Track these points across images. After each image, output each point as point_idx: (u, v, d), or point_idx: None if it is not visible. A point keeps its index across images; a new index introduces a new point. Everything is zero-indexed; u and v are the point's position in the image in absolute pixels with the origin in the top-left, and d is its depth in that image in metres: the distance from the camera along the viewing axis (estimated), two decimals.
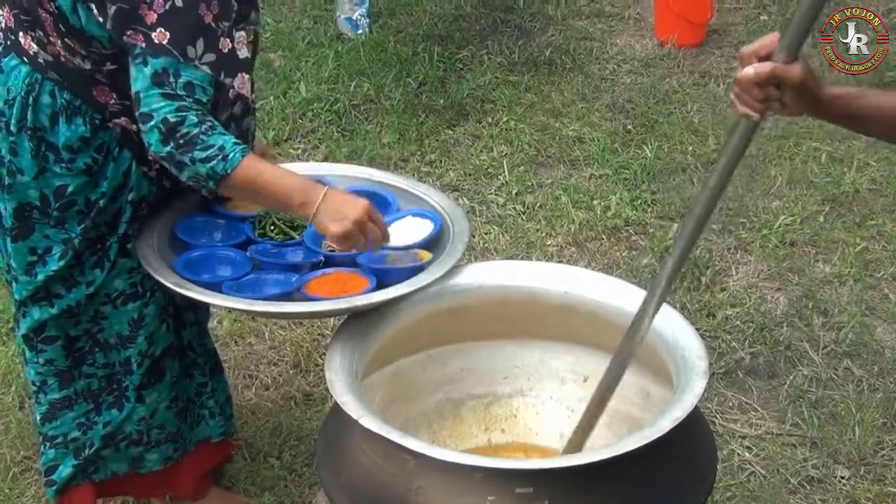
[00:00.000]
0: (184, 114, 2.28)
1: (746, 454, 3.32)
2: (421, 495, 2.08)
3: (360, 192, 2.82)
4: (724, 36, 5.75)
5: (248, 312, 3.35)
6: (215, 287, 2.47)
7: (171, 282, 2.45)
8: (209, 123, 2.32)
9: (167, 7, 2.26)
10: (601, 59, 5.54)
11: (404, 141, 4.85)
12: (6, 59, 2.47)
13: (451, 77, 5.34)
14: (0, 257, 2.69)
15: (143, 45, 2.26)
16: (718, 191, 1.99)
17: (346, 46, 5.53)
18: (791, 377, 3.60)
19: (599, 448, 2.14)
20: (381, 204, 2.80)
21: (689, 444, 2.24)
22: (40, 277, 2.59)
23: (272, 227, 2.68)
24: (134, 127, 2.49)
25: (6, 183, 2.51)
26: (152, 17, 2.25)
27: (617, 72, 5.44)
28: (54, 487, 2.86)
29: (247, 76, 2.44)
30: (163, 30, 2.26)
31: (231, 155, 2.31)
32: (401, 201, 2.81)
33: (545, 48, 5.58)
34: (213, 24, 2.31)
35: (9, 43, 2.47)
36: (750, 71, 1.78)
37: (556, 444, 2.69)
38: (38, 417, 2.82)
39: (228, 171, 2.31)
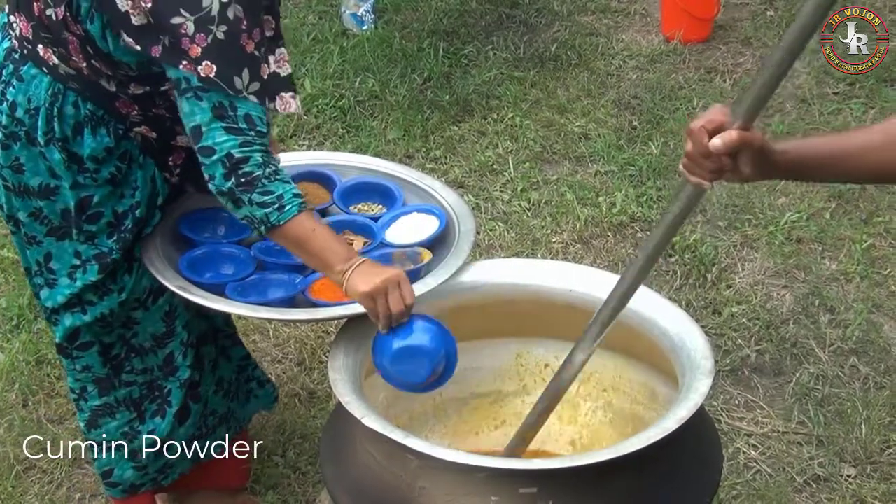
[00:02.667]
0: (248, 150, 2.24)
1: (752, 452, 3.31)
2: (424, 495, 2.08)
3: (366, 185, 2.82)
4: (731, 31, 5.72)
5: (252, 318, 3.36)
6: (219, 288, 2.46)
7: (175, 285, 2.44)
8: (273, 168, 2.28)
9: (209, 40, 2.21)
10: (607, 54, 5.52)
11: (409, 137, 4.84)
12: (25, 68, 2.42)
13: (457, 73, 5.32)
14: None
15: (196, 77, 2.22)
16: (659, 250, 2.12)
17: (351, 42, 5.52)
18: (797, 375, 3.58)
19: (604, 448, 2.13)
20: (386, 196, 2.80)
21: (694, 443, 2.23)
22: (79, 284, 2.56)
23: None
24: (153, 135, 2.49)
25: (52, 186, 2.47)
26: (196, 51, 2.21)
27: (623, 68, 5.42)
28: (119, 488, 2.87)
29: (287, 94, 2.35)
30: (209, 63, 2.21)
31: (288, 207, 2.27)
32: (408, 195, 2.79)
33: (551, 44, 5.56)
34: (255, 53, 2.27)
35: (25, 52, 2.42)
36: (717, 142, 1.82)
37: (560, 443, 2.69)
38: (83, 425, 2.82)
39: (281, 223, 2.27)
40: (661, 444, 2.04)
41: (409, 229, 2.69)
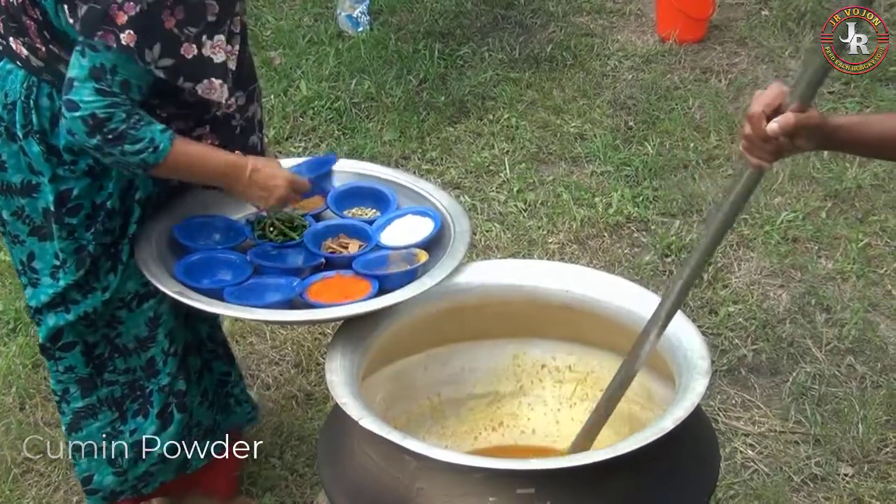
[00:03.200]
0: (112, 110, 2.30)
1: (749, 452, 3.31)
2: (422, 496, 2.08)
3: (359, 189, 2.82)
4: (726, 31, 5.72)
5: (251, 321, 3.36)
6: (217, 293, 2.46)
7: (172, 290, 2.44)
8: (137, 117, 2.33)
9: (137, 9, 2.25)
10: (602, 55, 5.52)
11: (405, 138, 4.84)
12: (1, 64, 2.47)
13: (452, 74, 5.32)
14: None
15: (114, 45, 2.26)
16: (722, 231, 2.13)
17: (347, 44, 5.52)
18: (794, 374, 3.59)
19: (601, 448, 2.13)
20: (380, 201, 2.80)
21: (691, 443, 2.23)
22: (61, 284, 2.58)
23: (271, 229, 2.67)
24: None
25: (33, 183, 2.50)
26: (123, 18, 2.25)
27: (618, 68, 5.42)
28: (98, 495, 2.85)
29: (217, 81, 2.40)
30: (132, 31, 2.26)
31: (161, 145, 2.35)
32: (401, 198, 2.80)
33: (546, 45, 5.56)
34: (174, 30, 2.30)
35: (1, 48, 2.47)
36: (774, 126, 1.87)
37: (557, 444, 2.69)
38: (64, 428, 2.81)
39: (159, 161, 2.36)
40: (658, 444, 2.04)
41: (405, 231, 2.69)
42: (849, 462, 3.27)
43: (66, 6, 2.32)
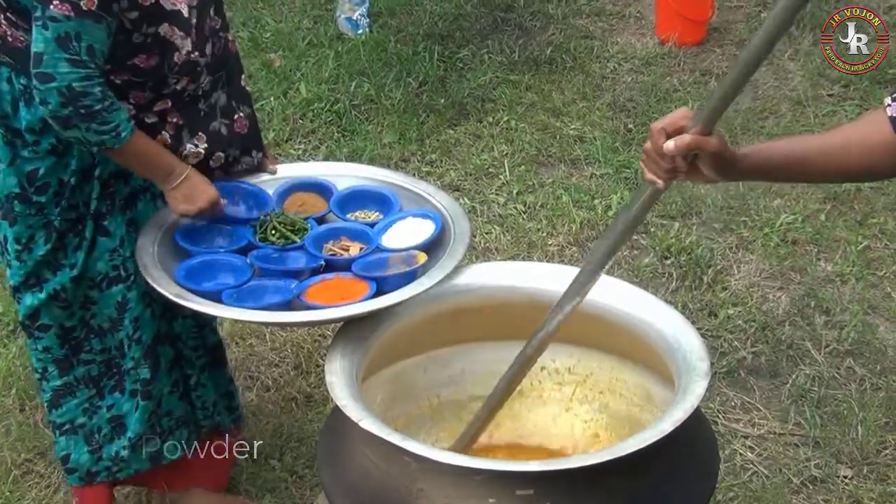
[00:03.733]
0: (89, 84, 2.35)
1: (749, 454, 3.31)
2: (422, 498, 2.08)
3: (362, 192, 2.82)
4: (725, 34, 5.73)
5: (248, 322, 3.35)
6: (216, 295, 2.46)
7: (171, 293, 2.45)
8: (110, 100, 2.39)
9: None
10: (602, 57, 5.53)
11: (405, 141, 4.85)
12: None
13: (452, 76, 5.33)
14: None
15: (70, 13, 2.29)
16: (618, 245, 2.18)
17: (347, 46, 5.52)
18: (793, 376, 3.59)
19: (601, 450, 2.13)
20: (382, 202, 2.80)
21: (690, 444, 2.23)
22: (29, 263, 2.65)
23: (273, 232, 2.68)
24: None
25: None
26: None
27: (618, 70, 5.43)
28: (76, 474, 2.89)
29: (178, 30, 2.46)
30: None
31: (123, 133, 2.43)
32: (402, 200, 2.80)
33: (546, 47, 5.57)
34: None
35: None
36: (670, 144, 1.88)
37: (556, 446, 2.69)
38: (46, 405, 2.87)
39: (116, 147, 2.44)
40: (657, 446, 2.04)
41: (405, 234, 2.69)
42: (848, 464, 3.28)
43: None
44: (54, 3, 2.29)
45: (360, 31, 5.66)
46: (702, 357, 2.27)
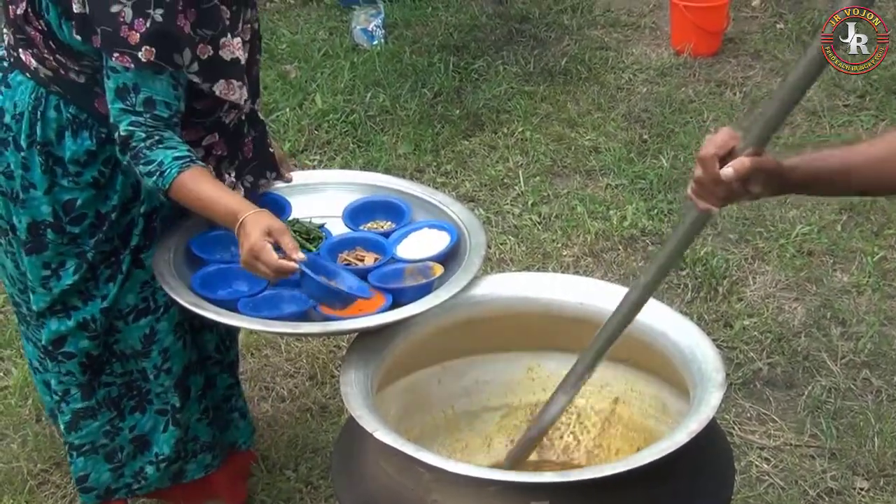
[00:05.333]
0: (133, 129, 2.34)
1: (765, 466, 3.30)
2: None
3: (373, 204, 2.83)
4: (741, 44, 5.73)
5: (264, 333, 3.36)
6: (232, 304, 2.47)
7: (187, 301, 2.45)
8: (156, 138, 2.35)
9: (148, 24, 2.27)
10: (617, 68, 5.53)
11: (420, 152, 4.85)
12: (12, 75, 2.50)
13: (467, 87, 5.34)
14: (7, 273, 2.71)
15: (132, 65, 2.29)
16: (665, 272, 2.14)
17: (362, 57, 5.54)
18: (809, 388, 3.58)
19: (616, 461, 2.13)
20: (394, 213, 2.80)
21: (706, 456, 2.23)
22: (56, 291, 2.61)
23: None
24: None
25: (21, 198, 2.53)
26: (135, 38, 2.27)
27: (633, 81, 5.43)
28: (94, 493, 2.86)
29: (236, 82, 2.45)
30: (148, 47, 2.28)
31: (167, 171, 2.34)
32: (417, 211, 2.80)
33: (560, 58, 5.57)
34: (191, 33, 2.34)
35: (12, 60, 2.50)
36: (729, 171, 1.81)
37: (571, 457, 2.68)
38: (63, 427, 2.81)
39: (166, 187, 2.35)
40: (672, 457, 2.03)
41: (421, 244, 2.69)
42: (864, 476, 3.26)
43: (73, 22, 2.34)
44: (115, 54, 2.29)
45: (375, 42, 5.67)
46: (717, 368, 2.26)
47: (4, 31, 2.52)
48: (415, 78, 5.34)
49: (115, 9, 2.26)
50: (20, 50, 2.47)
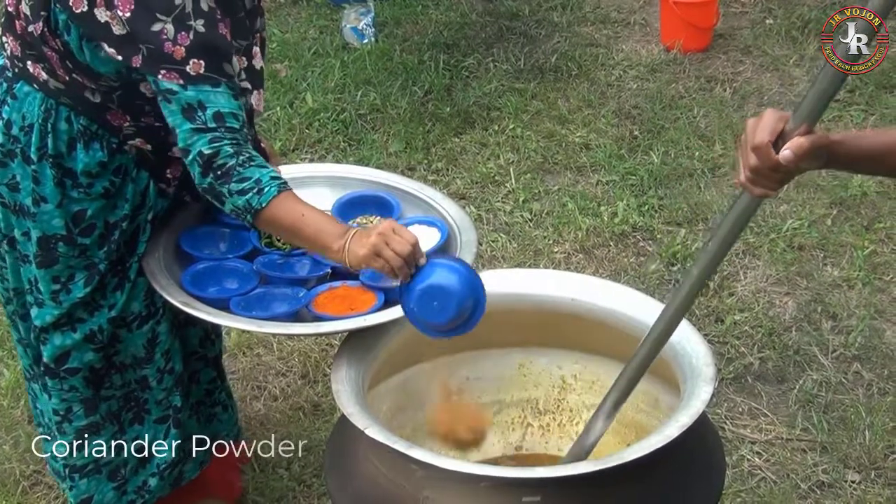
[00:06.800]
0: (217, 145, 2.27)
1: (756, 460, 3.31)
2: None
3: (362, 198, 2.83)
4: (731, 40, 5.73)
5: (256, 333, 3.36)
6: (223, 303, 2.47)
7: (179, 301, 2.45)
8: (247, 155, 2.29)
9: (192, 37, 2.24)
10: (607, 65, 5.53)
11: (411, 149, 4.85)
12: (17, 86, 2.45)
13: (457, 85, 5.34)
14: (4, 285, 2.69)
15: (181, 81, 2.25)
16: (720, 255, 2.06)
17: (352, 56, 5.54)
18: (800, 382, 3.59)
19: (607, 455, 2.13)
20: (383, 208, 2.80)
21: (697, 450, 2.24)
22: (65, 305, 2.57)
23: (279, 238, 2.68)
24: (148, 147, 2.50)
25: (31, 211, 2.49)
26: (181, 52, 2.23)
27: (623, 78, 5.43)
28: None
29: (262, 92, 2.45)
30: (195, 60, 2.25)
31: (267, 189, 2.27)
32: (407, 207, 2.80)
33: (551, 55, 5.58)
34: (233, 42, 2.33)
35: (17, 70, 2.45)
36: (788, 154, 1.77)
37: (562, 452, 2.69)
38: (65, 450, 2.74)
39: (264, 206, 2.27)
40: (663, 451, 2.04)
41: None
42: (856, 469, 3.27)
43: (104, 44, 2.28)
44: (162, 71, 2.24)
45: (365, 41, 5.67)
46: (707, 362, 2.27)
47: (4, 39, 2.47)
48: (405, 76, 5.34)
49: (156, 27, 2.22)
50: (28, 62, 2.42)
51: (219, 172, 2.27)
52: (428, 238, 2.67)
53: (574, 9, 6.04)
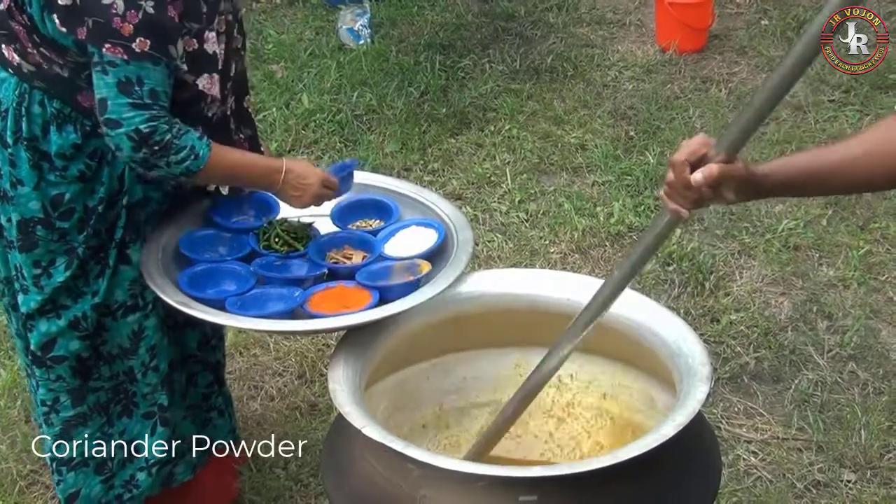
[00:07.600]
0: (154, 123, 2.35)
1: (752, 459, 3.32)
2: None
3: (361, 203, 2.83)
4: (726, 41, 5.75)
5: (251, 331, 3.36)
6: (220, 303, 2.47)
7: (175, 300, 2.46)
8: (178, 126, 2.40)
9: (140, 16, 2.28)
10: (603, 65, 5.54)
11: (407, 150, 4.86)
12: None
13: (453, 86, 5.34)
14: None
15: (125, 56, 2.29)
16: (637, 268, 2.18)
17: (348, 57, 5.54)
18: (796, 381, 3.59)
19: (603, 455, 2.14)
20: (382, 211, 2.81)
21: (693, 449, 2.24)
22: (47, 290, 2.59)
23: (276, 239, 2.69)
24: None
25: (9, 195, 2.53)
26: (129, 29, 2.28)
27: (618, 78, 5.44)
28: None
29: (215, 76, 2.47)
30: (142, 38, 2.29)
31: (201, 152, 2.42)
32: (404, 209, 2.81)
33: (547, 56, 5.58)
34: (181, 24, 2.36)
35: None
36: (698, 177, 1.87)
37: (558, 452, 2.70)
38: (51, 441, 2.76)
39: (201, 167, 2.43)
40: (659, 451, 2.05)
41: (408, 242, 2.70)
42: (851, 468, 3.28)
43: (54, 15, 2.32)
44: (106, 45, 2.29)
45: (361, 42, 5.68)
46: (703, 362, 2.28)
47: None
48: (401, 77, 5.35)
49: (107, 0, 2.26)
50: (2, 46, 2.47)
51: (156, 148, 2.36)
52: (425, 239, 2.69)
53: (570, 10, 6.05)
